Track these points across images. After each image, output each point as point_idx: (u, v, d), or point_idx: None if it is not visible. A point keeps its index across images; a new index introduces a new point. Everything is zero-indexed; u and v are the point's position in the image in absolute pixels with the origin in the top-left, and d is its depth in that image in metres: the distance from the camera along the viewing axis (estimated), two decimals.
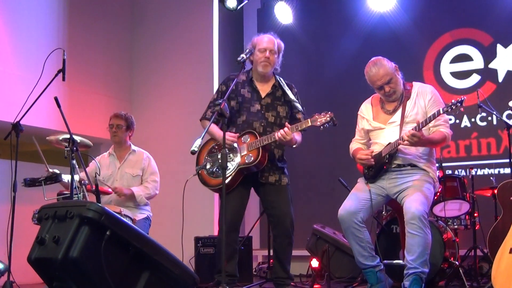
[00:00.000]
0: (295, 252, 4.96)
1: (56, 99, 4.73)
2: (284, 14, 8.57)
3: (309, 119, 4.53)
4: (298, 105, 4.81)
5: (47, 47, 5.98)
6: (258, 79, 4.90)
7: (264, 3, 9.04)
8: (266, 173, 4.77)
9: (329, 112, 4.47)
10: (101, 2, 8.44)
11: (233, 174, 4.66)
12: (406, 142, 4.13)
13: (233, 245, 4.75)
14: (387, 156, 4.32)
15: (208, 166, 4.83)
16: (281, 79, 4.93)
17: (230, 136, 4.64)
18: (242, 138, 4.73)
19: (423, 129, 4.17)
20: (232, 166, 4.67)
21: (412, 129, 4.12)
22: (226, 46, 8.74)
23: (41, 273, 3.20)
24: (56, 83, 5.14)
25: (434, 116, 4.15)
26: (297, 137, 4.70)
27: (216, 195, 7.75)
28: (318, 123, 4.47)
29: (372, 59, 4.49)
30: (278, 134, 4.53)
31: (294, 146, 4.72)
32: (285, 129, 4.51)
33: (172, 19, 8.76)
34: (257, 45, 4.84)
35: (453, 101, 4.05)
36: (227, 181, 4.57)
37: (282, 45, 4.94)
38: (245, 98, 4.86)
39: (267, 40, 4.84)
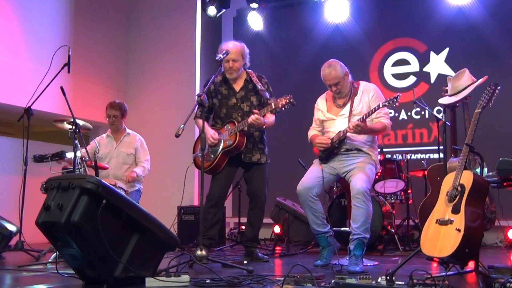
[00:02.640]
0: None
1: (62, 88, 4.68)
2: (256, 22, 8.56)
3: (272, 103, 4.56)
4: (266, 93, 4.78)
5: (55, 44, 5.90)
6: (231, 79, 4.88)
7: (239, 12, 9.01)
8: (249, 154, 4.79)
9: (289, 95, 4.50)
10: (101, 7, 8.33)
11: (218, 157, 4.67)
12: (351, 130, 4.17)
13: (218, 215, 4.77)
14: (337, 142, 4.34)
15: (200, 154, 4.81)
16: (252, 73, 4.89)
17: (211, 138, 4.64)
18: (225, 127, 4.76)
19: (366, 120, 4.21)
20: (217, 151, 4.69)
21: (357, 120, 4.16)
22: (207, 47, 8.69)
23: (47, 234, 3.17)
24: (62, 75, 5.08)
25: (375, 109, 4.18)
26: (266, 119, 4.69)
27: (196, 172, 7.73)
28: (280, 105, 4.50)
29: (329, 60, 4.48)
30: (250, 119, 4.55)
31: (265, 127, 4.73)
32: (254, 115, 4.55)
33: (162, 23, 8.69)
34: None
35: (390, 97, 4.10)
36: (213, 164, 4.69)
37: (246, 49, 4.83)
38: (223, 95, 4.85)
39: (229, 51, 4.70)
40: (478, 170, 3.91)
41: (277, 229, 6.75)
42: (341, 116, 4.44)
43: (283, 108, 4.51)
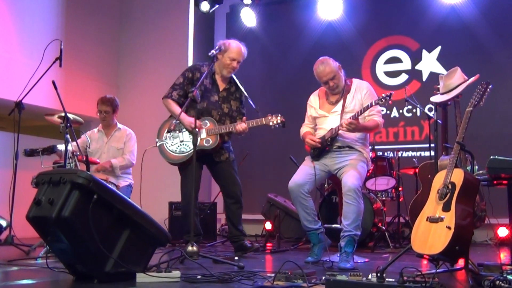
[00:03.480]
0: (252, 216, 4.99)
1: (53, 82, 4.65)
2: (249, 18, 8.54)
3: (263, 119, 4.59)
4: (251, 103, 4.84)
5: (47, 38, 5.86)
6: (219, 75, 4.87)
7: (232, 8, 8.98)
8: (219, 153, 4.81)
9: (280, 115, 4.54)
10: (93, 1, 8.29)
11: (191, 154, 4.63)
12: (344, 128, 4.17)
13: (194, 210, 4.76)
14: (329, 139, 4.35)
15: (168, 143, 4.79)
16: (235, 77, 4.92)
17: (192, 126, 4.50)
18: (202, 123, 4.70)
19: (359, 117, 4.21)
20: (190, 146, 4.64)
21: (350, 118, 4.17)
22: (199, 43, 8.67)
23: (37, 229, 3.15)
24: (53, 69, 5.06)
25: (367, 107, 4.19)
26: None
27: None
28: (271, 123, 4.55)
29: (320, 58, 4.49)
30: (239, 127, 4.59)
31: (242, 136, 4.78)
32: (243, 124, 4.59)
33: (154, 18, 8.66)
34: (229, 51, 4.75)
35: (383, 95, 4.11)
36: (185, 159, 4.64)
37: (246, 53, 4.88)
38: (207, 88, 4.81)
39: (237, 51, 4.77)
40: (469, 168, 3.92)
41: (268, 225, 6.76)
42: (333, 113, 4.44)
43: (273, 127, 4.56)
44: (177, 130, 4.75)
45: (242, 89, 4.86)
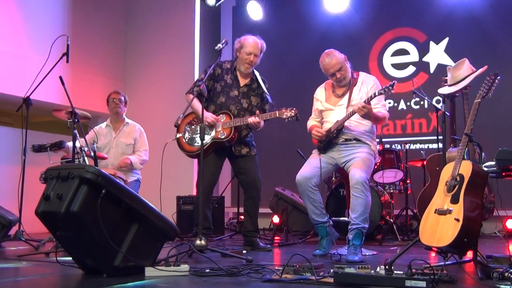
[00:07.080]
0: (259, 210, 4.99)
1: (60, 78, 4.66)
2: (255, 12, 8.55)
3: (277, 111, 4.60)
4: (268, 97, 4.86)
5: (54, 34, 5.88)
6: (239, 71, 4.89)
7: (239, 1, 8.97)
8: (238, 147, 4.83)
9: (294, 109, 4.54)
10: None
11: (206, 145, 4.67)
12: (356, 109, 4.10)
13: (208, 203, 4.78)
14: (335, 132, 4.34)
15: (186, 135, 4.84)
16: (258, 74, 4.93)
17: (212, 117, 4.65)
18: (219, 117, 4.75)
19: None
20: (207, 138, 4.68)
21: (363, 102, 4.13)
22: (206, 37, 8.68)
23: (46, 224, 3.17)
24: (60, 65, 5.07)
25: (373, 96, 4.15)
26: (262, 123, 4.74)
27: (195, 162, 7.73)
28: (284, 116, 4.56)
29: (325, 51, 4.47)
30: (251, 119, 4.60)
31: (258, 129, 4.80)
32: (256, 117, 4.60)
33: (160, 13, 8.67)
34: (244, 46, 4.80)
35: (386, 85, 4.08)
36: (199, 151, 4.62)
37: (264, 46, 4.91)
38: (227, 84, 4.86)
39: (253, 45, 4.80)
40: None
41: (276, 219, 6.77)
42: (339, 106, 4.43)
43: (286, 120, 4.57)
44: (195, 124, 4.79)
45: (262, 84, 4.86)
